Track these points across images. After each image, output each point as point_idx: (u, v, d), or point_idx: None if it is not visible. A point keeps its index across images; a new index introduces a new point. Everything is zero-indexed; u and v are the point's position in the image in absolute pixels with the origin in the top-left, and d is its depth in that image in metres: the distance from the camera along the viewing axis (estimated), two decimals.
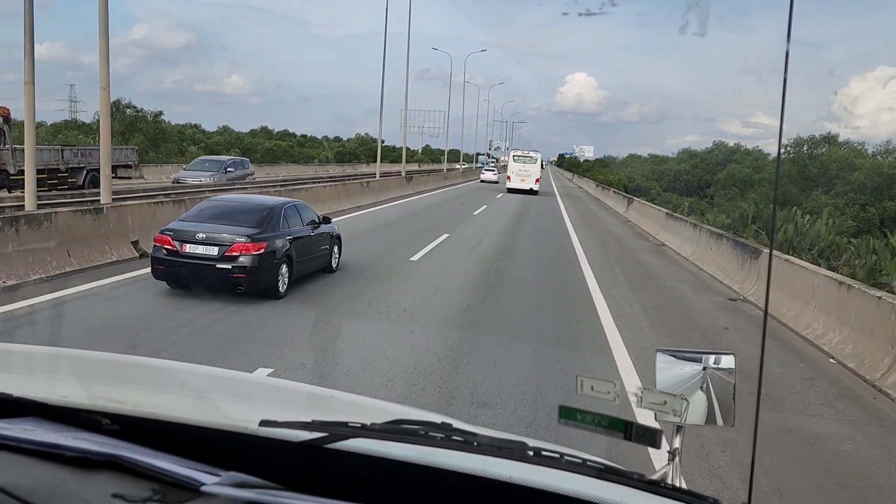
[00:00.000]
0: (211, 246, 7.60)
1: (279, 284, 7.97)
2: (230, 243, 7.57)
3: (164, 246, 7.69)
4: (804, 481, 4.50)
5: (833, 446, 5.19)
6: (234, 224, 7.88)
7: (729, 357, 1.41)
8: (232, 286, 7.62)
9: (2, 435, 0.94)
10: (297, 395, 1.45)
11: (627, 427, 1.08)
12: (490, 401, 5.33)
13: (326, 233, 9.56)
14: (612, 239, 19.29)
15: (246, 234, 7.67)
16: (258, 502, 0.83)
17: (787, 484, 4.38)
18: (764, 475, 4.37)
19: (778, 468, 4.55)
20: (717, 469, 4.41)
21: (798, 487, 4.40)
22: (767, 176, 74.62)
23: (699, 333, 8.59)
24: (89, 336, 6.22)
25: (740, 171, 79.36)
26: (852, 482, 4.60)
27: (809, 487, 4.43)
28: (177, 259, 7.63)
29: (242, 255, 7.54)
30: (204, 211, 8.39)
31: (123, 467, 0.88)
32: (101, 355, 1.55)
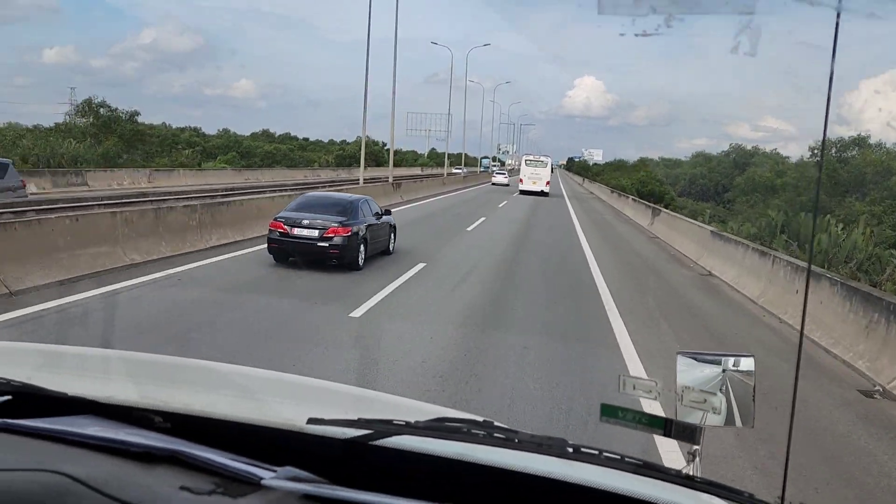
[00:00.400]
0: (312, 229, 10.17)
1: (359, 259, 10.54)
2: (327, 227, 10.09)
3: (277, 230, 10.23)
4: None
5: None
6: (327, 213, 10.44)
7: (749, 359, 1.38)
8: (328, 259, 10.16)
9: (66, 430, 0.99)
10: (342, 395, 1.49)
11: (667, 424, 1.17)
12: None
13: (387, 222, 12.04)
14: (643, 264, 15.19)
15: (337, 221, 10.23)
16: (315, 495, 0.87)
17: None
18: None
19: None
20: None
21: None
22: (790, 180, 69.85)
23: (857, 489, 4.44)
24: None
25: (761, 175, 74.51)
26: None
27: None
28: (286, 239, 10.20)
29: (336, 237, 10.12)
30: (303, 203, 11.18)
31: (183, 462, 0.92)
32: (150, 357, 1.63)
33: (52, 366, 1.47)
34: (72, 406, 1.12)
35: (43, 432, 1.00)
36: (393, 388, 5.30)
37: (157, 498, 0.84)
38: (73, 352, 1.70)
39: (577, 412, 5.21)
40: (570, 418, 5.17)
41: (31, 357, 1.54)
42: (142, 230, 10.29)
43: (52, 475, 0.83)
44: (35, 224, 8.66)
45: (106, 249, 9.38)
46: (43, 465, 0.86)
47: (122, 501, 0.81)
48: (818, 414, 5.80)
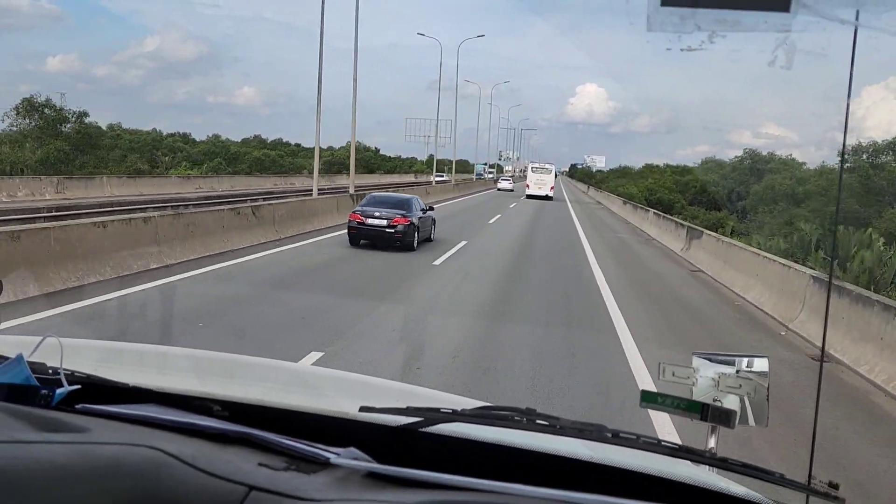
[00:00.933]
0: (381, 219, 13.78)
1: (414, 242, 14.11)
2: (392, 218, 13.70)
3: (355, 220, 13.94)
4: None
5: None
6: (391, 208, 14.09)
7: (762, 360, 1.43)
8: (393, 242, 13.68)
9: (141, 414, 1.04)
10: (388, 389, 1.61)
11: (704, 408, 1.22)
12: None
13: (430, 216, 15.76)
14: (699, 329, 9.42)
15: (399, 213, 13.86)
16: (380, 473, 0.93)
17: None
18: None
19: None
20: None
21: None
22: (814, 188, 63.75)
23: None
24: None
25: (781, 182, 68.36)
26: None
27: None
28: (362, 227, 13.90)
29: (399, 225, 13.67)
30: (371, 201, 14.94)
31: (254, 443, 0.98)
32: (206, 353, 1.74)
33: (113, 360, 1.57)
34: (133, 396, 1.17)
35: (120, 416, 1.05)
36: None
37: (241, 472, 0.89)
38: (131, 348, 1.88)
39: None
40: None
41: (93, 352, 1.63)
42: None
43: (149, 450, 0.89)
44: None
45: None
46: (137, 441, 0.91)
47: (211, 474, 0.87)
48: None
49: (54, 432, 0.91)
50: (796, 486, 1.02)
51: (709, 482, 1.07)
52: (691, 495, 1.03)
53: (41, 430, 0.91)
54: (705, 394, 1.40)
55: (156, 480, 0.85)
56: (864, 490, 4.52)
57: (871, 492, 4.56)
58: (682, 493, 1.03)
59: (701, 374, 1.41)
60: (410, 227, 14.01)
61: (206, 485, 0.85)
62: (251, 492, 0.86)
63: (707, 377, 1.41)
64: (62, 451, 0.86)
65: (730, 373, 1.40)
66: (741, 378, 1.39)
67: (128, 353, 1.72)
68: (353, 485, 0.92)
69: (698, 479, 1.06)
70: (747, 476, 1.00)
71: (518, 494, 0.91)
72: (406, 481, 0.93)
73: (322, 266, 11.70)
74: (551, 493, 0.91)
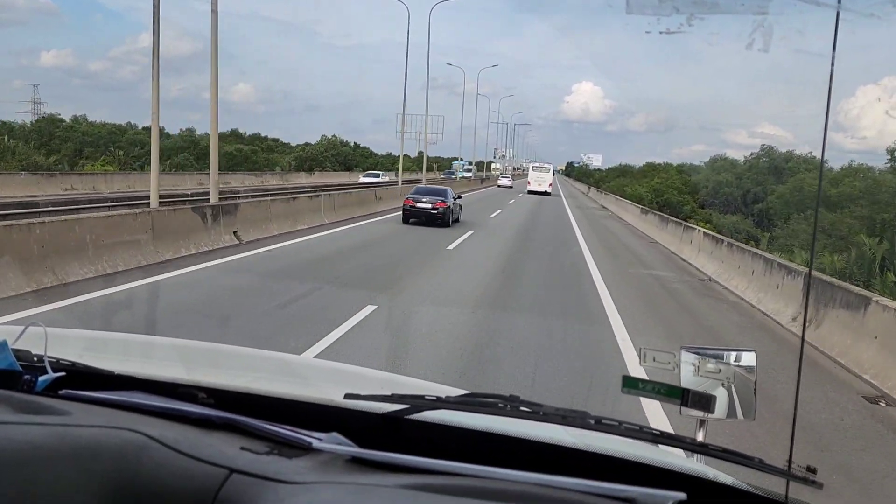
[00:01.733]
0: (427, 204, 18.99)
1: (450, 220, 19.26)
2: (436, 202, 18.97)
3: (408, 204, 19.32)
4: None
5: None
6: (434, 195, 19.55)
7: (750, 354, 1.44)
8: (436, 220, 18.88)
9: (125, 400, 1.06)
10: (373, 378, 1.60)
11: (684, 394, 1.24)
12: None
13: (459, 203, 21.06)
14: None
15: (440, 199, 19.13)
16: (362, 458, 0.94)
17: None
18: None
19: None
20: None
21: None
22: (848, 191, 55.26)
23: None
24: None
25: (812, 183, 59.30)
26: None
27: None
28: (413, 209, 19.22)
29: (441, 207, 18.88)
30: (419, 190, 20.52)
31: (238, 429, 1.00)
32: (191, 342, 1.77)
33: (98, 349, 1.57)
34: (118, 384, 1.17)
35: (103, 401, 1.05)
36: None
37: (223, 456, 0.89)
38: (117, 337, 1.85)
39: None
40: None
41: (78, 341, 1.61)
42: None
43: (130, 433, 0.89)
44: None
45: None
46: (118, 424, 0.91)
47: (194, 458, 0.87)
48: None
49: (35, 415, 0.92)
50: (775, 471, 1.03)
51: (689, 468, 1.09)
52: (672, 480, 1.03)
53: (22, 413, 0.91)
54: (689, 381, 1.38)
55: (136, 462, 0.86)
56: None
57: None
58: (664, 478, 1.02)
59: (685, 360, 1.41)
60: (447, 209, 19.40)
61: (188, 467, 0.86)
62: (232, 474, 0.86)
63: (688, 363, 1.40)
64: (40, 433, 0.87)
65: (700, 379, 1.37)
66: (721, 364, 1.38)
67: (113, 342, 1.74)
68: (335, 468, 0.93)
69: (679, 465, 1.08)
70: (727, 461, 1.02)
71: (500, 479, 0.92)
72: (389, 466, 0.94)
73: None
74: (533, 478, 0.92)
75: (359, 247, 13.76)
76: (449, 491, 0.87)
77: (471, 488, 0.88)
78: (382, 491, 0.87)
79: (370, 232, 16.85)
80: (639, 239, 21.88)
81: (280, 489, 0.85)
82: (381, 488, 0.88)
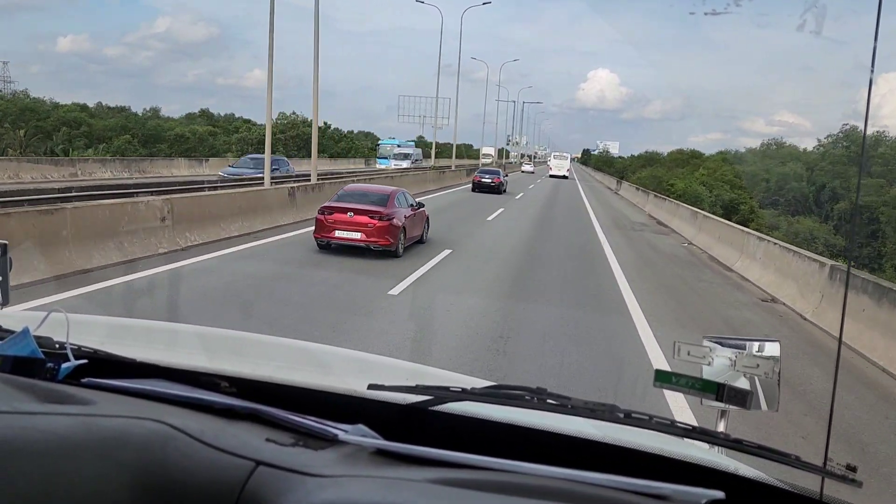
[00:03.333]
0: (489, 179, 34.88)
1: (505, 189, 36.81)
2: (494, 178, 35.15)
3: (476, 180, 35.32)
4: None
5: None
6: (492, 175, 35.58)
7: (774, 344, 1.45)
8: (495, 189, 34.42)
9: (147, 389, 1.08)
10: (398, 368, 1.66)
11: (720, 389, 1.22)
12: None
13: (506, 179, 40.60)
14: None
15: (496, 175, 35.75)
16: (387, 450, 0.96)
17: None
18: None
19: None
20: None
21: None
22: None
23: None
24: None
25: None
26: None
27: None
28: (480, 182, 34.73)
29: (497, 182, 34.51)
30: (481, 171, 37.94)
31: (262, 419, 1.01)
32: (215, 330, 1.79)
33: (120, 336, 1.62)
34: (140, 372, 1.22)
35: (126, 390, 1.09)
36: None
37: (249, 447, 0.92)
38: (139, 324, 1.91)
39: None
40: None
41: (100, 328, 1.68)
42: None
43: (155, 423, 0.91)
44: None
45: None
46: (142, 414, 0.94)
47: (219, 449, 0.89)
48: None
49: (59, 404, 0.95)
50: (812, 469, 1.03)
51: (722, 464, 1.10)
52: (704, 476, 1.04)
53: (45, 402, 0.95)
54: (720, 374, 1.41)
55: (162, 453, 0.88)
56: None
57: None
58: (696, 474, 1.05)
59: (717, 353, 1.43)
60: (501, 183, 34.13)
61: (213, 459, 0.89)
62: (258, 467, 0.88)
63: (723, 357, 1.42)
64: (66, 423, 0.90)
65: (723, 369, 1.41)
66: (758, 357, 1.40)
67: (136, 330, 1.79)
68: (361, 461, 0.96)
69: (711, 461, 1.09)
70: (762, 458, 1.02)
71: (527, 473, 0.94)
72: (414, 459, 0.97)
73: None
74: (561, 472, 0.94)
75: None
76: (477, 486, 0.89)
77: (500, 483, 0.91)
78: (411, 485, 0.89)
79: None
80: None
81: (308, 482, 0.87)
82: (409, 482, 0.90)
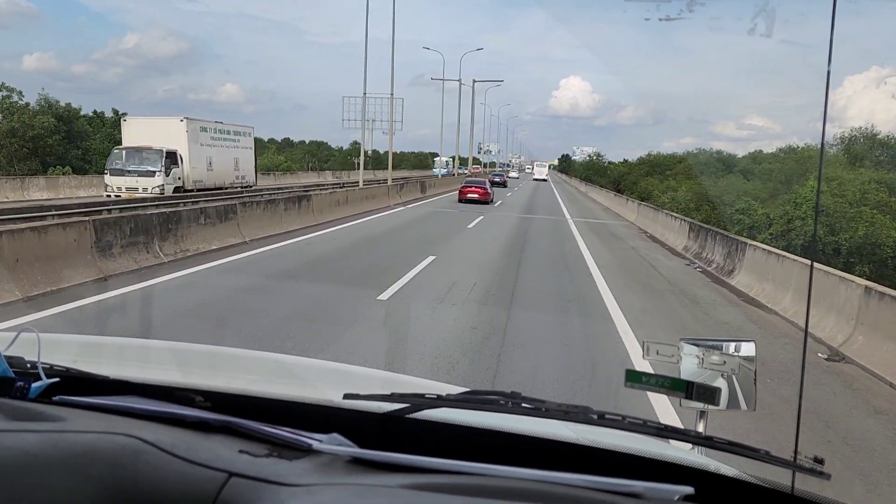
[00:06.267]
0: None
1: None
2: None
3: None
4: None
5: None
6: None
7: (749, 344, 1.51)
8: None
9: (120, 405, 1.08)
10: (372, 377, 1.70)
11: (689, 386, 1.29)
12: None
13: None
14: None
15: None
16: (362, 458, 0.96)
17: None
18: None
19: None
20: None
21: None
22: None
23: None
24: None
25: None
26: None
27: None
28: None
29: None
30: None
31: (236, 431, 1.02)
32: (188, 345, 1.81)
33: (93, 354, 1.63)
34: (113, 389, 1.22)
35: (98, 406, 1.09)
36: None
37: (222, 460, 0.92)
38: (111, 341, 1.97)
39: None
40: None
41: (72, 346, 1.69)
42: None
43: (126, 438, 0.91)
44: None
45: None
46: (113, 430, 0.94)
47: (191, 461, 0.89)
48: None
49: (28, 422, 0.95)
50: (782, 463, 1.04)
51: (695, 461, 1.13)
52: (680, 474, 1.08)
53: (14, 420, 0.95)
54: (690, 373, 1.46)
55: (133, 468, 0.88)
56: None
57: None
58: (671, 472, 1.09)
59: (685, 352, 1.49)
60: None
61: (186, 472, 0.89)
62: (231, 478, 0.89)
63: (691, 356, 1.48)
64: (35, 440, 0.90)
65: (701, 370, 1.46)
66: (724, 355, 1.46)
67: (108, 347, 1.81)
68: (336, 470, 0.95)
69: (684, 459, 1.13)
70: (733, 454, 1.04)
71: (501, 476, 0.95)
72: (389, 465, 0.96)
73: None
74: (534, 474, 0.94)
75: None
76: (452, 490, 0.90)
77: (474, 486, 0.92)
78: (384, 491, 0.91)
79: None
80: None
81: (281, 492, 0.88)
82: (383, 488, 0.91)
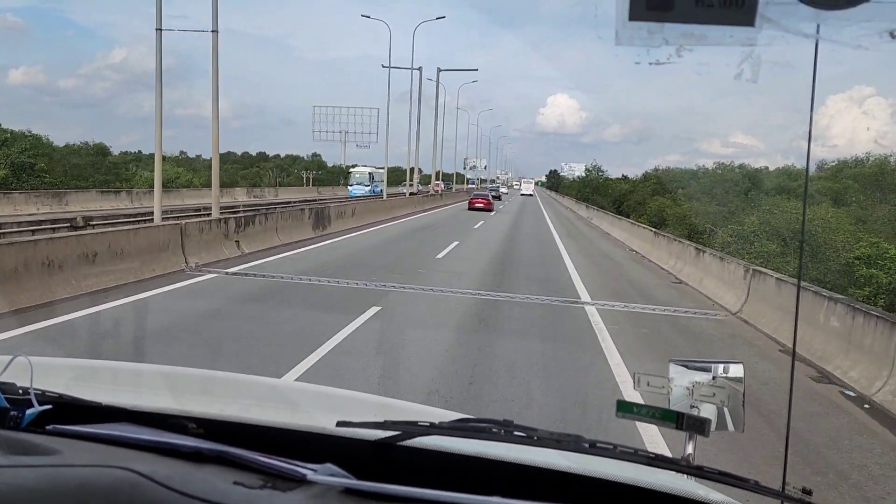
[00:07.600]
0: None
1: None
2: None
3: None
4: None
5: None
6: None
7: (738, 366, 1.52)
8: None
9: (113, 434, 1.08)
10: (366, 403, 1.70)
11: (679, 417, 1.27)
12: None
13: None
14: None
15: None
16: (356, 489, 0.96)
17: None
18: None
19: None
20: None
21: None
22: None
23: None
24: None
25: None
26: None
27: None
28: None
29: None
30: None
31: (230, 461, 1.01)
32: (181, 370, 1.82)
33: (86, 379, 1.63)
34: (106, 416, 1.21)
35: (92, 436, 1.09)
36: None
37: (217, 492, 0.91)
38: (105, 366, 1.96)
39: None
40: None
41: (65, 371, 1.68)
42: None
43: (121, 471, 0.91)
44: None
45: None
46: (108, 462, 0.94)
47: (186, 495, 0.89)
48: None
49: (23, 455, 0.95)
50: (771, 493, 1.07)
51: (686, 490, 1.14)
52: (669, 502, 1.11)
53: (10, 454, 0.94)
54: (681, 402, 1.48)
55: (129, 502, 0.88)
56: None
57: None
58: (661, 500, 1.11)
59: (676, 383, 1.50)
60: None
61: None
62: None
63: (681, 386, 1.49)
64: (31, 475, 0.90)
65: (704, 381, 1.49)
66: (715, 387, 1.48)
67: (101, 372, 1.80)
68: (330, 501, 0.95)
69: (676, 488, 1.13)
70: (723, 483, 1.06)
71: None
72: (384, 496, 0.97)
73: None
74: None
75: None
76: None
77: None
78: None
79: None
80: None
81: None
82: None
